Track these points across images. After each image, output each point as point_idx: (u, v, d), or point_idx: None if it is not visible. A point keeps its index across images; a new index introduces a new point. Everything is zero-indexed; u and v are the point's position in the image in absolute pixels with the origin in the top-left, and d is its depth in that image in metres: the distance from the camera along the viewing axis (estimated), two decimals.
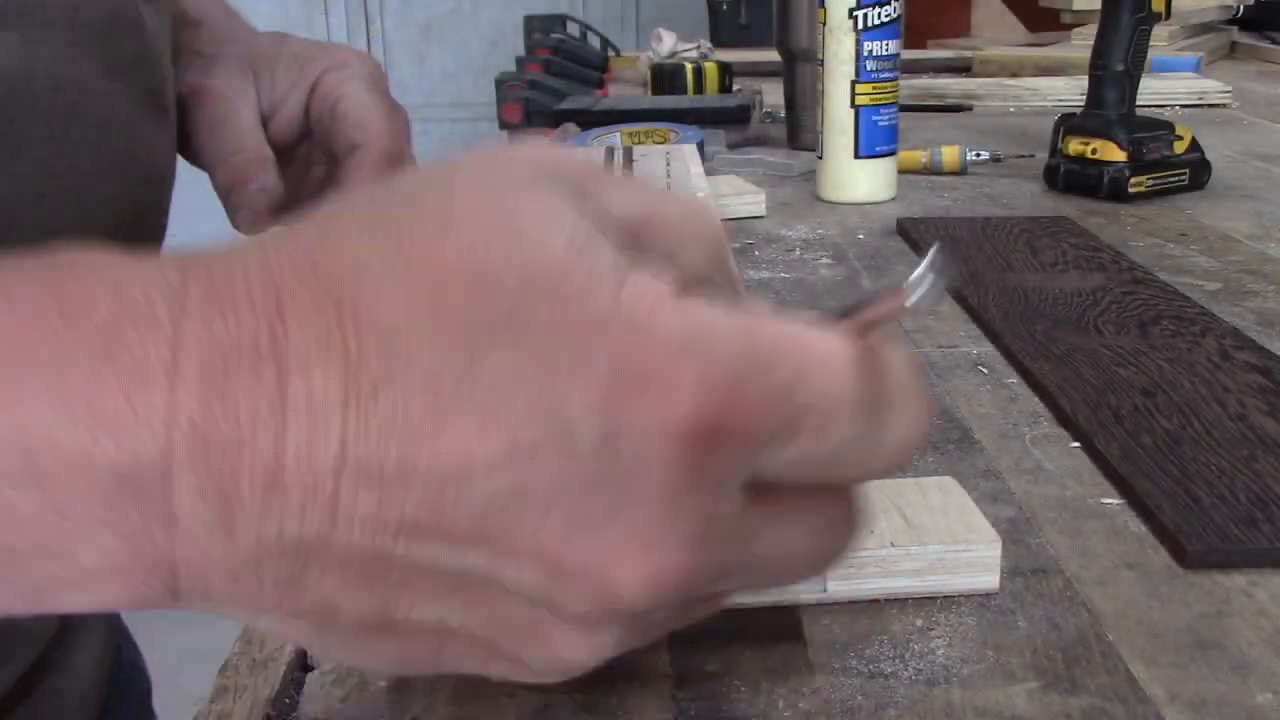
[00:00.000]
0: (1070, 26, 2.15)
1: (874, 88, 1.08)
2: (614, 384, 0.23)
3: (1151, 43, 1.13)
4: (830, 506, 0.28)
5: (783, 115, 1.40)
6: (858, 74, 1.07)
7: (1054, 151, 1.13)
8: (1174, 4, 1.13)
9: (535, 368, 0.23)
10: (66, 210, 0.45)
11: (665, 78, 1.71)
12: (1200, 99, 1.63)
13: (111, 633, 0.60)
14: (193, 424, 0.22)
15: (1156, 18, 1.10)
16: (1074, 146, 1.10)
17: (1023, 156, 1.23)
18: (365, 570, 0.24)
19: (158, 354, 0.23)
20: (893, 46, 1.08)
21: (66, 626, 0.55)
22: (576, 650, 0.26)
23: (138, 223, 0.50)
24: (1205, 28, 2.18)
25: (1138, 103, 1.11)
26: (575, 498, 0.24)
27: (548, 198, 0.26)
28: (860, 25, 1.06)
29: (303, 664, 0.44)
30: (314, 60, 0.59)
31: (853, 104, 1.08)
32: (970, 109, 1.63)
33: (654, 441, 0.23)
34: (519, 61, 2.14)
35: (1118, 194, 1.07)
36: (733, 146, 1.35)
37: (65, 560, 0.23)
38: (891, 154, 1.11)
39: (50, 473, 0.22)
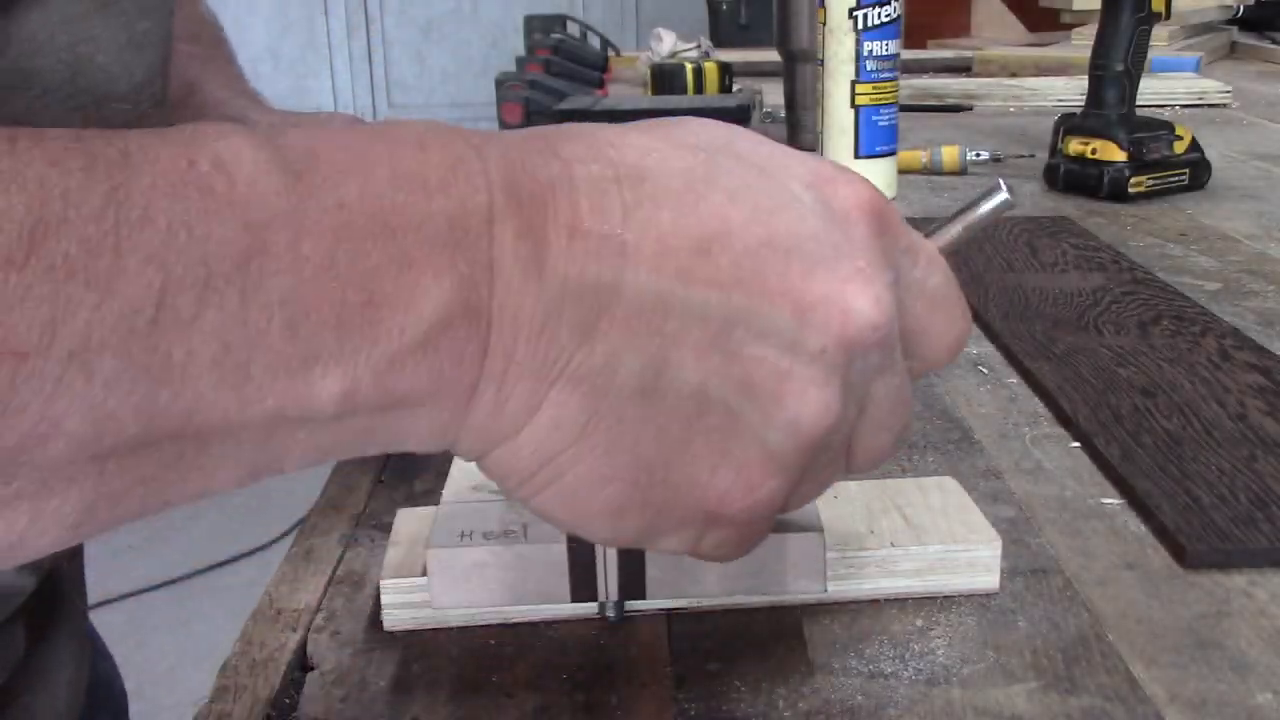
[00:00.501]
0: (1070, 26, 2.15)
1: (874, 88, 1.08)
2: (819, 176, 0.31)
3: (1151, 43, 1.13)
4: (908, 377, 0.34)
5: (783, 115, 1.40)
6: (858, 74, 1.07)
7: (1054, 151, 1.13)
8: (1174, 4, 1.13)
9: (764, 166, 0.31)
10: None
11: (665, 78, 1.71)
12: (1200, 99, 1.63)
13: (85, 649, 0.60)
14: (507, 184, 0.28)
15: (1156, 18, 1.10)
16: (1074, 146, 1.10)
17: (1023, 156, 1.23)
18: (648, 318, 0.29)
19: (466, 145, 0.28)
20: (893, 46, 1.08)
21: (39, 643, 0.55)
22: (811, 404, 0.30)
23: None
24: (1205, 28, 2.18)
25: (1138, 103, 1.11)
26: (809, 244, 0.30)
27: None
28: (860, 25, 1.06)
29: (303, 664, 0.44)
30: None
31: (853, 104, 1.08)
32: (970, 109, 1.63)
33: (854, 208, 0.31)
34: (519, 61, 2.14)
35: (1118, 194, 1.07)
36: None
37: (407, 310, 0.27)
38: (891, 154, 1.11)
39: (398, 227, 0.27)
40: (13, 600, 0.50)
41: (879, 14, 1.06)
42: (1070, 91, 1.64)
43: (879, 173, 1.10)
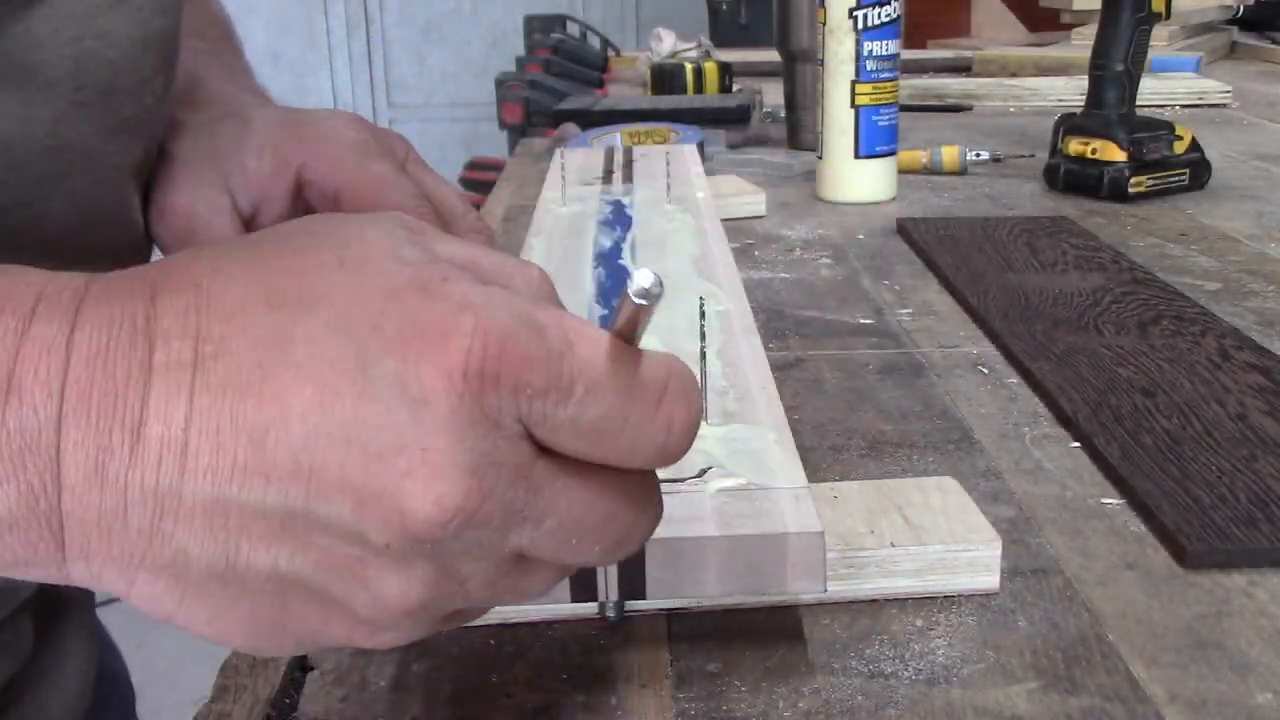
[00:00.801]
0: (1070, 26, 2.15)
1: (874, 88, 1.08)
2: (404, 334, 0.28)
3: (1151, 43, 1.13)
4: (621, 476, 0.31)
5: (783, 115, 1.40)
6: (858, 74, 1.07)
7: (1054, 151, 1.13)
8: (1174, 4, 1.13)
9: (341, 328, 0.28)
10: (42, 265, 0.45)
11: (665, 78, 1.71)
12: (1200, 99, 1.63)
13: (93, 643, 0.60)
14: (80, 384, 0.27)
15: (1156, 18, 1.10)
16: (1074, 146, 1.10)
17: (1023, 156, 1.23)
18: (209, 517, 0.28)
19: (61, 330, 0.28)
20: (893, 46, 1.08)
21: (47, 638, 0.55)
22: (391, 587, 0.29)
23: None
24: (1205, 28, 2.18)
25: (1138, 103, 1.11)
26: (371, 433, 0.28)
27: (382, 219, 0.32)
28: (860, 25, 1.06)
29: (303, 664, 0.44)
30: (287, 143, 0.52)
31: (853, 104, 1.08)
32: (970, 109, 1.63)
33: (435, 378, 0.28)
34: (519, 61, 2.14)
35: (1118, 194, 1.07)
36: (733, 146, 1.35)
37: None
38: (891, 154, 1.11)
39: None
40: (18, 594, 0.50)
41: (879, 14, 1.06)
42: (1070, 91, 1.64)
43: (879, 173, 1.10)
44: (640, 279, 0.29)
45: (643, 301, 0.29)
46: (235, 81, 0.58)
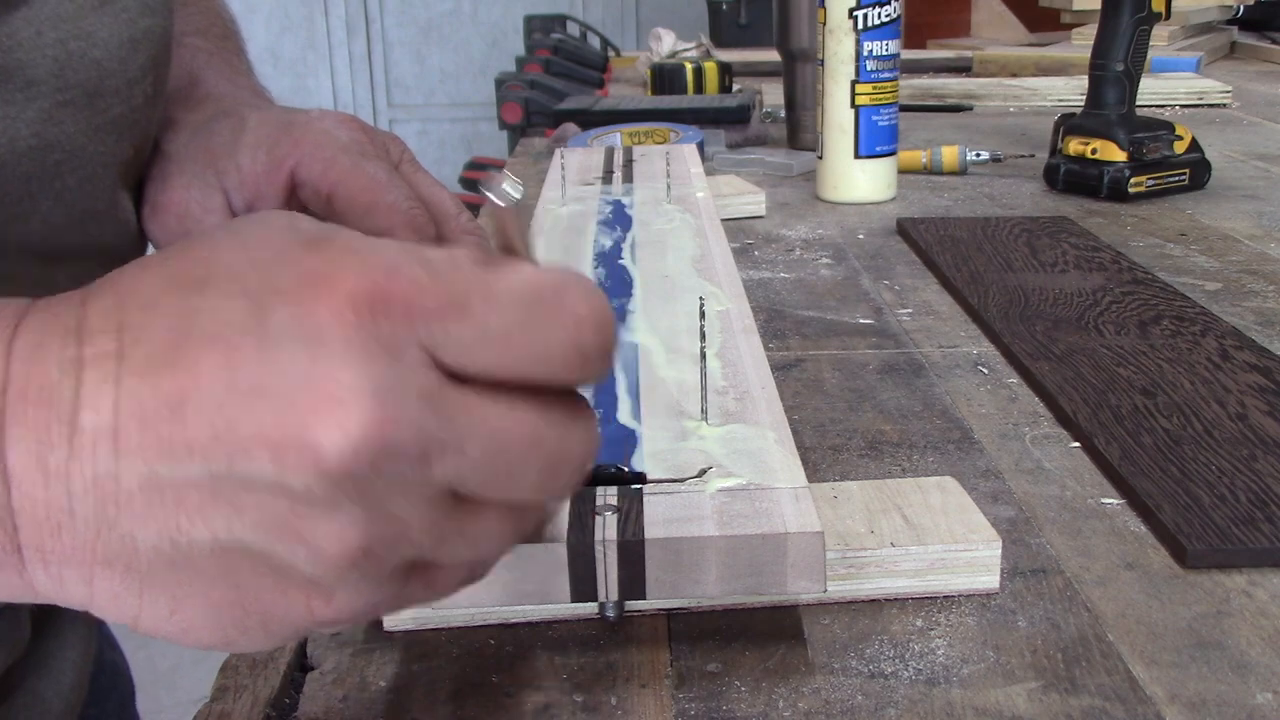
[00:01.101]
0: (1070, 26, 2.15)
1: (874, 88, 1.08)
2: (295, 284, 0.29)
3: (1151, 43, 1.13)
4: (541, 394, 0.30)
5: (783, 115, 1.40)
6: (858, 74, 1.07)
7: (1054, 151, 1.13)
8: (1174, 4, 1.13)
9: (241, 292, 0.29)
10: (30, 265, 0.45)
11: (665, 78, 1.71)
12: (1200, 99, 1.63)
13: (91, 637, 0.60)
14: (21, 381, 0.29)
15: (1156, 18, 1.10)
16: (1074, 146, 1.10)
17: (1023, 156, 1.23)
18: (146, 497, 0.29)
19: (1, 336, 0.29)
20: (893, 46, 1.08)
21: (45, 628, 0.55)
22: (327, 536, 0.29)
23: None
24: (1205, 28, 2.18)
25: (1138, 103, 1.11)
26: (275, 380, 0.28)
27: (284, 213, 0.32)
28: (860, 25, 1.06)
29: (302, 664, 0.44)
30: (281, 143, 0.52)
31: (853, 104, 1.08)
32: (970, 109, 1.63)
33: (327, 315, 0.28)
34: (519, 61, 2.14)
35: (1118, 194, 1.07)
36: (733, 146, 1.35)
37: None
38: (891, 154, 1.11)
39: None
40: None
41: (879, 14, 1.06)
42: (1070, 91, 1.64)
43: (879, 173, 1.10)
44: (495, 182, 0.29)
45: (502, 202, 0.29)
46: (234, 81, 0.58)
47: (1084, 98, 1.12)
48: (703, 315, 0.51)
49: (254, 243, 0.30)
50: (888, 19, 1.06)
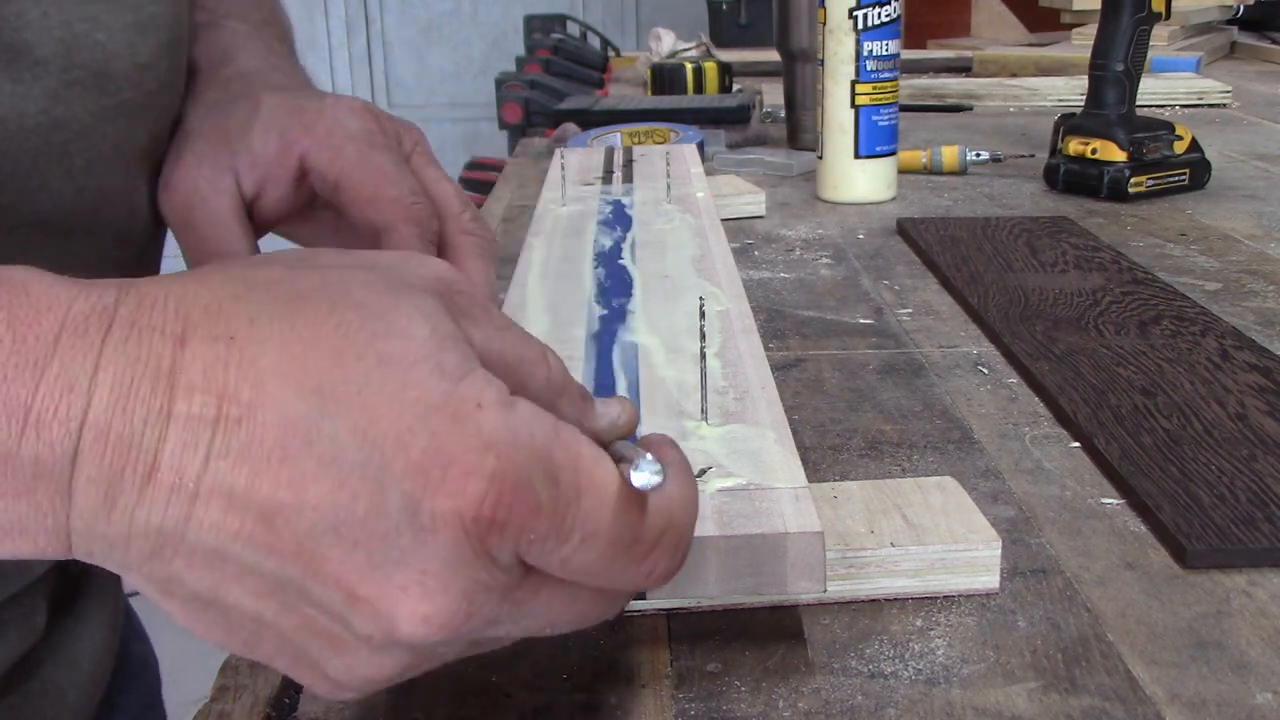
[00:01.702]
0: (1070, 26, 2.15)
1: (874, 88, 1.08)
2: (427, 461, 0.29)
3: (1151, 43, 1.13)
4: (594, 590, 0.33)
5: (783, 115, 1.40)
6: (858, 74, 1.07)
7: (1054, 151, 1.13)
8: (1174, 4, 1.13)
9: (370, 435, 0.29)
10: (44, 241, 0.45)
11: (665, 78, 1.71)
12: (1200, 99, 1.63)
13: (115, 630, 0.60)
14: (98, 426, 0.28)
15: (1156, 18, 1.10)
16: (1074, 146, 1.10)
17: (1023, 156, 1.23)
18: (207, 561, 0.29)
19: (84, 369, 0.28)
20: (893, 46, 1.08)
21: (63, 617, 0.55)
22: (367, 666, 0.31)
23: (117, 263, 0.50)
24: (1205, 28, 2.18)
25: (1138, 103, 1.11)
26: (377, 544, 0.29)
27: (428, 299, 0.32)
28: (860, 25, 1.06)
29: None
30: (293, 128, 0.51)
31: (853, 104, 1.08)
32: (970, 109, 1.63)
33: (446, 516, 0.29)
34: (519, 61, 2.14)
35: (1118, 194, 1.07)
36: (733, 146, 1.35)
37: None
38: (891, 154, 1.11)
39: None
40: (31, 570, 0.51)
41: (879, 14, 1.06)
42: (1070, 91, 1.64)
43: (879, 173, 1.10)
44: (644, 471, 0.31)
45: (651, 486, 0.31)
46: (267, 60, 0.58)
47: (1084, 98, 1.12)
48: (703, 315, 0.51)
49: (395, 366, 0.30)
50: (888, 19, 1.06)
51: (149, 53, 0.48)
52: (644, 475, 0.31)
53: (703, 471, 0.44)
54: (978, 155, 1.21)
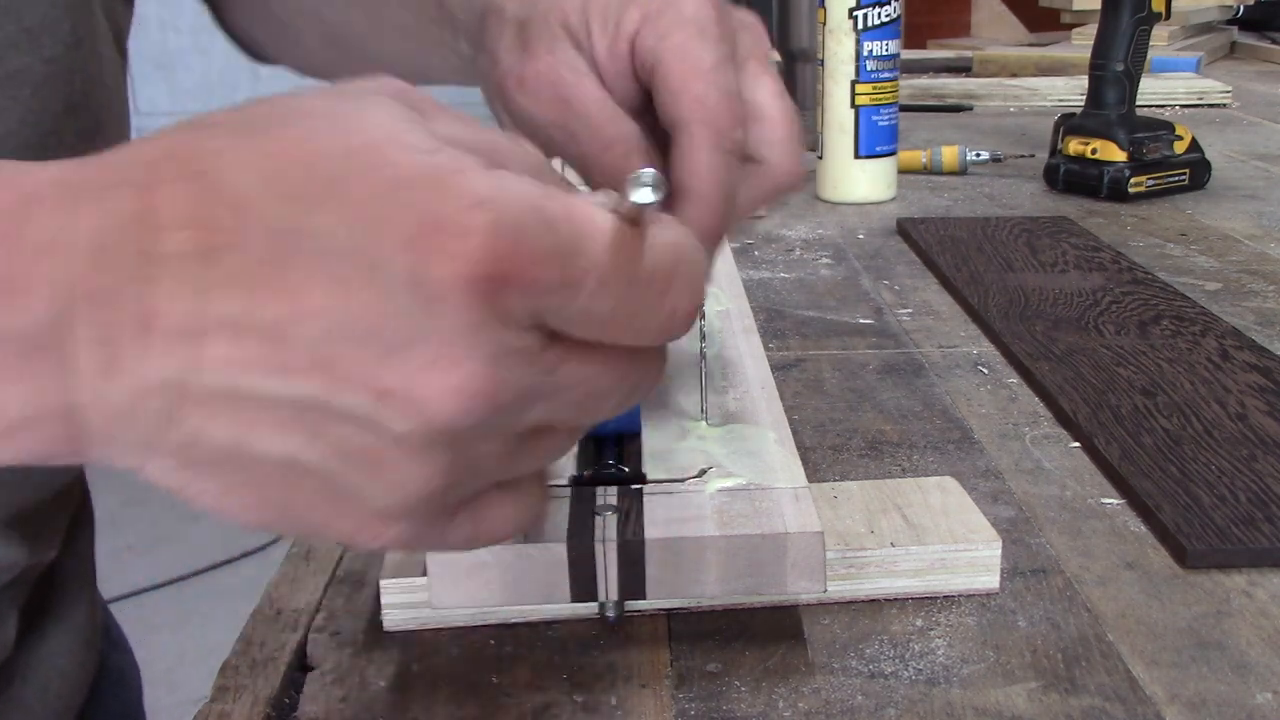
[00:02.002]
0: (1070, 26, 2.15)
1: (874, 88, 1.08)
2: (417, 230, 0.28)
3: (1151, 43, 1.13)
4: (626, 351, 0.32)
5: None
6: (858, 74, 1.07)
7: (1054, 151, 1.13)
8: (1174, 4, 1.13)
9: (354, 223, 0.28)
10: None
11: None
12: (1200, 99, 1.63)
13: (91, 646, 0.60)
14: (85, 284, 0.27)
15: (1156, 18, 1.10)
16: (1074, 146, 1.10)
17: (1023, 156, 1.23)
18: (224, 405, 0.28)
19: (59, 229, 0.28)
20: (893, 46, 1.08)
21: (33, 635, 0.54)
22: (410, 477, 0.29)
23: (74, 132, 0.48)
24: (1205, 28, 2.18)
25: (1138, 103, 1.11)
26: (388, 328, 0.28)
27: (382, 98, 0.31)
28: (860, 25, 1.06)
29: (302, 664, 0.44)
30: (627, 10, 0.46)
31: (853, 104, 1.08)
32: (970, 109, 1.63)
33: (450, 280, 0.27)
34: None
35: (1118, 194, 1.07)
36: None
37: None
38: (891, 154, 1.11)
39: None
40: (1, 575, 0.50)
41: (879, 14, 1.06)
42: (1070, 91, 1.64)
43: (879, 173, 1.10)
44: (643, 180, 0.29)
45: (645, 202, 0.30)
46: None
47: (1084, 98, 1.12)
48: (703, 315, 0.51)
49: (363, 152, 0.29)
50: (888, 19, 1.06)
51: (39, 17, 0.46)
52: (644, 192, 0.30)
53: (703, 471, 0.44)
54: (978, 155, 1.21)
